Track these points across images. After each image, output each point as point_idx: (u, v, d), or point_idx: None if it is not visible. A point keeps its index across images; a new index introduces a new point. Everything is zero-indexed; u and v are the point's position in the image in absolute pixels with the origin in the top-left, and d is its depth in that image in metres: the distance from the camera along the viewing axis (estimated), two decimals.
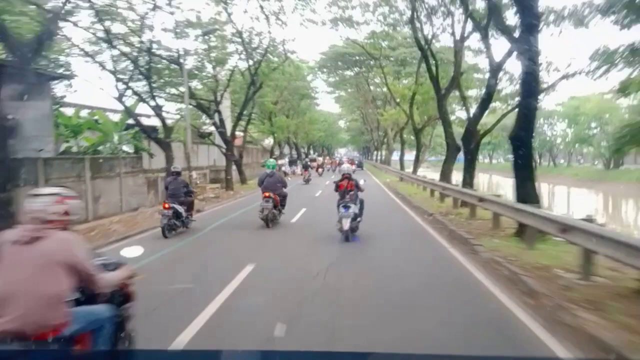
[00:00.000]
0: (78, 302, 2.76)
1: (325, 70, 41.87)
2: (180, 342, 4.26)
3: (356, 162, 42.68)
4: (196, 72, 22.34)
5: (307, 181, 27.90)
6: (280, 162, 36.71)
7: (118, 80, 14.63)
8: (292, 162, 41.44)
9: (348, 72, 46.22)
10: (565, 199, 35.73)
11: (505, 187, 46.22)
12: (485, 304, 5.40)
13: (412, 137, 49.87)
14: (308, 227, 11.59)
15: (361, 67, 44.17)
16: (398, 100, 26.53)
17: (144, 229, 11.20)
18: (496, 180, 52.10)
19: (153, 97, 15.26)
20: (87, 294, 2.84)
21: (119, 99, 14.57)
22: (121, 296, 3.11)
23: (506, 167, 76.95)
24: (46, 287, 2.44)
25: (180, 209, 10.19)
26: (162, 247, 8.80)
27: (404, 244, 9.51)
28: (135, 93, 15.10)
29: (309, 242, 9.60)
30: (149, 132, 15.95)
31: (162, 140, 15.57)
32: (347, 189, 9.70)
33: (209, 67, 22.91)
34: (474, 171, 13.85)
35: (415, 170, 26.01)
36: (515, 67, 24.33)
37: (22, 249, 2.47)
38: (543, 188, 43.43)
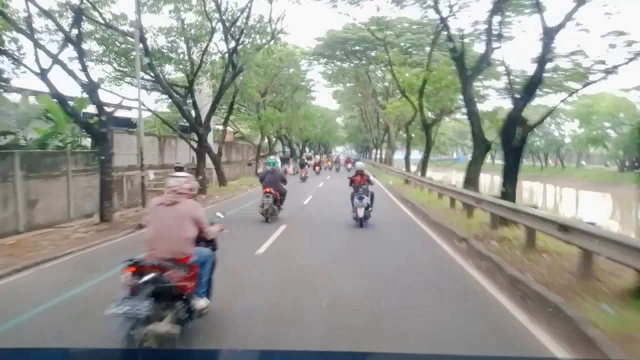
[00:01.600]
0: (196, 243, 4.35)
1: (321, 59, 38.02)
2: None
3: (352, 160, 42.37)
4: (165, 51, 18.62)
5: (303, 179, 26.80)
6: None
7: (37, 46, 10.79)
8: (284, 160, 37.61)
9: (347, 64, 42.63)
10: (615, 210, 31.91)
11: (535, 193, 42.56)
12: None
13: (414, 134, 46.33)
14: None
15: (361, 58, 40.46)
16: (403, 88, 22.69)
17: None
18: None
19: (84, 69, 11.42)
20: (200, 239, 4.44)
21: (42, 75, 10.76)
22: (214, 244, 4.76)
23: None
24: (180, 232, 4.12)
25: None
26: None
27: (442, 317, 5.03)
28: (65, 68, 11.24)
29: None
30: (83, 122, 12.23)
31: (96, 131, 11.82)
32: (360, 183, 11.34)
33: (184, 48, 19.21)
34: (516, 177, 10.13)
35: (423, 172, 22.24)
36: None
37: (166, 208, 4.16)
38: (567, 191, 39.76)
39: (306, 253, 8.46)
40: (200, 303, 4.28)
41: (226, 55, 18.86)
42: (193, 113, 19.09)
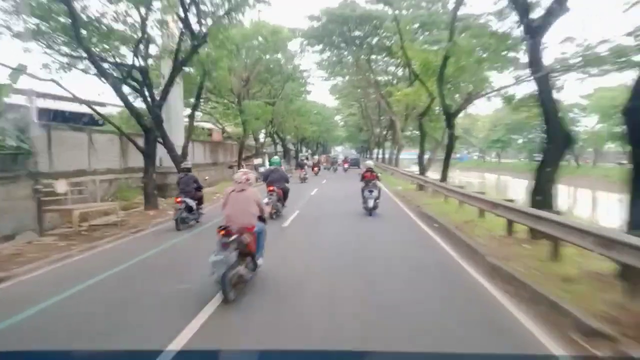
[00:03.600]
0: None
1: (317, 44, 33.21)
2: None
3: (349, 160, 44.68)
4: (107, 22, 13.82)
5: (302, 180, 25.55)
6: (256, 161, 28.17)
7: None
8: None
9: (346, 52, 37.94)
10: None
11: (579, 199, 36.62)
12: None
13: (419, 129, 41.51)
14: None
15: (362, 45, 35.77)
16: (416, 69, 17.80)
17: None
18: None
19: None
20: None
21: None
22: (264, 219, 6.54)
23: (517, 166, 69.36)
24: (249, 209, 5.95)
25: (192, 203, 10.82)
26: None
27: None
28: None
29: None
30: None
31: None
32: (370, 178, 12.98)
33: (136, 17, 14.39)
34: None
35: (444, 176, 17.42)
36: None
37: (238, 194, 5.97)
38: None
39: None
40: (260, 260, 6.26)
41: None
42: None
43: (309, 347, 3.96)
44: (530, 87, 13.00)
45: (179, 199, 10.65)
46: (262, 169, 28.75)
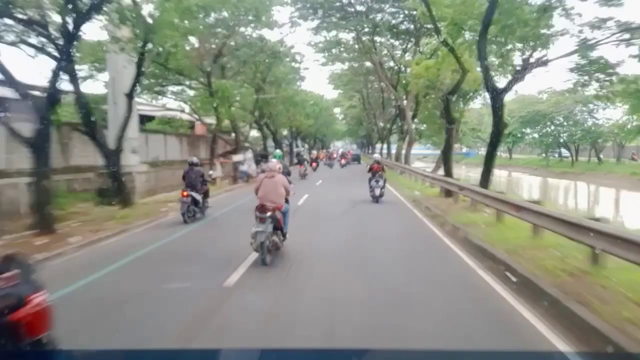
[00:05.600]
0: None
1: (311, 14, 27.88)
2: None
3: (347, 156, 44.49)
4: None
5: (303, 176, 24.49)
6: (235, 158, 23.00)
7: None
8: (261, 158, 27.71)
9: (346, 32, 32.81)
10: None
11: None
12: None
13: (426, 124, 36.30)
14: None
15: (363, 24, 30.64)
16: (444, 32, 12.49)
17: None
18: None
19: None
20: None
21: None
22: (289, 201, 7.76)
23: (531, 162, 64.07)
24: (278, 191, 7.17)
25: (198, 197, 11.02)
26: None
27: None
28: None
29: None
30: None
31: None
32: (377, 170, 14.39)
33: None
34: None
35: (486, 180, 12.10)
36: None
37: (269, 179, 7.19)
38: None
39: None
40: (287, 235, 7.58)
41: None
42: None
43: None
44: None
45: (185, 193, 10.83)
46: (243, 167, 23.76)
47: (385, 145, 46.05)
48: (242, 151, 23.13)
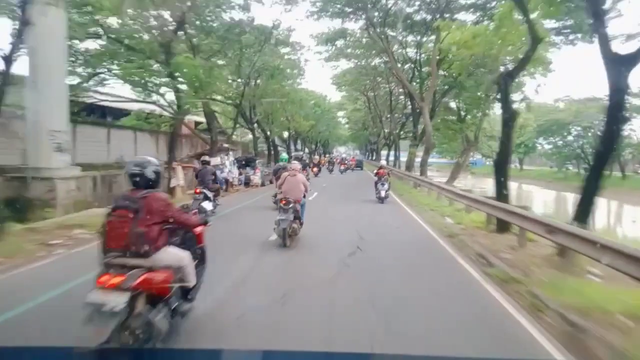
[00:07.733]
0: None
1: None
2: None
3: (347, 161, 44.70)
4: None
5: None
6: (213, 160, 18.36)
7: None
8: (248, 162, 23.22)
9: (352, 21, 28.52)
10: None
11: None
12: None
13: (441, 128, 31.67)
14: None
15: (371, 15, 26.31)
16: None
17: None
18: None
19: None
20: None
21: None
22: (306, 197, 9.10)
23: (544, 174, 59.33)
24: (299, 188, 8.65)
25: (209, 194, 11.14)
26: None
27: None
28: None
29: None
30: None
31: None
32: (382, 174, 16.27)
33: None
34: None
35: (587, 208, 7.15)
36: None
37: (291, 177, 8.72)
38: None
39: None
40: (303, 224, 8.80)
41: None
42: None
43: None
44: None
45: (198, 190, 11.00)
46: (223, 174, 19.39)
47: (393, 152, 41.71)
48: (219, 153, 18.63)
